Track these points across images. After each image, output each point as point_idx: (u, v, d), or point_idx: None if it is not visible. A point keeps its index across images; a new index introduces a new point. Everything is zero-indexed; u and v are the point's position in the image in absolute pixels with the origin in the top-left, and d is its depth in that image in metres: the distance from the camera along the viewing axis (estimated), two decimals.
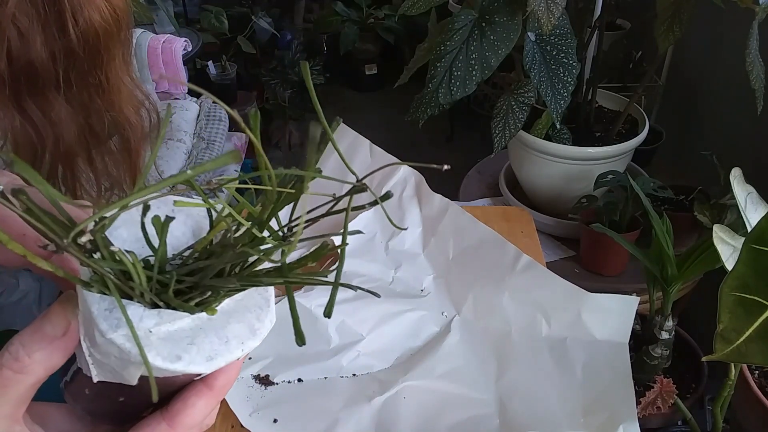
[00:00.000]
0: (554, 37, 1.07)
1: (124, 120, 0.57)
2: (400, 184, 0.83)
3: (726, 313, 0.46)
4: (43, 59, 0.48)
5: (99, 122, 0.55)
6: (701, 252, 0.74)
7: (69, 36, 0.47)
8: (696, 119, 1.59)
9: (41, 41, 0.47)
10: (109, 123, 0.56)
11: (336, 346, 0.67)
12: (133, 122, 0.58)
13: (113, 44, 0.51)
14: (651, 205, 0.81)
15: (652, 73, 1.41)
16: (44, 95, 0.51)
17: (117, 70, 0.54)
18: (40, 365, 0.28)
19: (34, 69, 0.48)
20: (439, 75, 1.04)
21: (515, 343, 0.66)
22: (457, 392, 0.63)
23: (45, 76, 0.49)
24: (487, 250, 0.74)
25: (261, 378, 0.64)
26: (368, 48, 3.09)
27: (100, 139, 0.57)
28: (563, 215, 1.32)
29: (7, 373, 0.27)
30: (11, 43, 0.46)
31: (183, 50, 1.68)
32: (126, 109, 0.57)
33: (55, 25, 0.47)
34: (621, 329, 0.64)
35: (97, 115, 0.55)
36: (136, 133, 0.59)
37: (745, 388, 0.70)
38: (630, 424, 0.55)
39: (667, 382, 0.78)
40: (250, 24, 2.69)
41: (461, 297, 0.72)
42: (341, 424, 0.59)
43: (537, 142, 1.22)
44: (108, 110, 0.55)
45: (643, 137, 1.23)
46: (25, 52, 0.47)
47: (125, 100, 0.57)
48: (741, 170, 0.64)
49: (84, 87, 0.52)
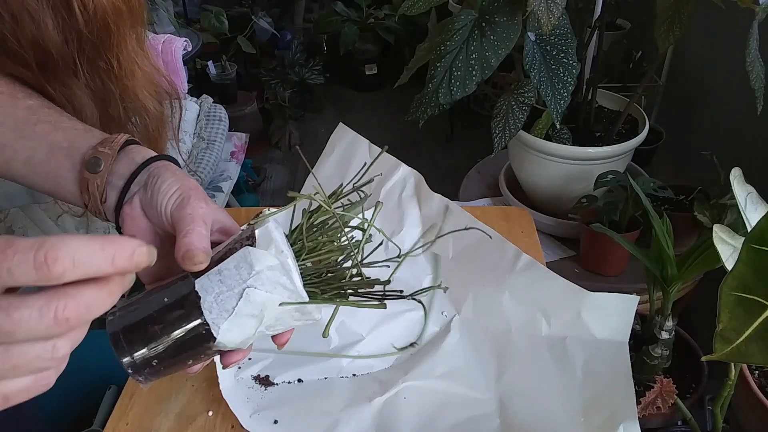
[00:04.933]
0: (554, 37, 1.07)
1: (140, 106, 0.56)
2: (400, 184, 0.83)
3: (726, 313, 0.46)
4: (57, 43, 0.48)
5: (114, 108, 0.55)
6: (701, 252, 0.74)
7: (76, 18, 0.47)
8: (696, 119, 1.59)
9: (53, 24, 0.47)
10: (123, 109, 0.55)
11: (336, 346, 0.67)
12: (150, 109, 0.57)
13: (123, 26, 0.51)
14: (651, 205, 0.81)
15: (652, 73, 1.41)
16: (64, 81, 0.51)
17: (130, 53, 0.53)
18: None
19: (51, 54, 0.48)
20: (439, 75, 1.04)
21: (515, 343, 0.66)
22: (457, 392, 0.63)
23: (62, 61, 0.49)
24: (486, 249, 0.74)
25: (261, 379, 0.64)
26: (368, 48, 3.09)
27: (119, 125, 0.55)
28: (563, 215, 1.32)
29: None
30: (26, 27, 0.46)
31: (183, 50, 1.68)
32: (141, 95, 0.56)
33: (63, 7, 0.47)
34: (621, 328, 0.64)
35: (112, 101, 0.54)
36: (153, 120, 0.58)
37: (745, 388, 0.70)
38: (630, 424, 0.55)
39: (667, 382, 0.78)
40: (250, 24, 2.69)
41: (461, 297, 0.72)
42: (341, 424, 0.59)
43: (537, 142, 1.22)
44: (122, 95, 0.54)
45: (643, 137, 1.23)
46: (40, 37, 0.47)
47: (140, 86, 0.55)
48: (741, 170, 0.64)
49: (95, 71, 0.52)
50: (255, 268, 0.39)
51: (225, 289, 0.39)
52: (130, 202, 0.46)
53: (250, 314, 0.39)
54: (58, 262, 0.27)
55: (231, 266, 0.39)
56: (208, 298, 0.39)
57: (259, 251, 0.39)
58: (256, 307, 0.39)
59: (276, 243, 0.39)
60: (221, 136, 1.78)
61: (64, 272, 0.28)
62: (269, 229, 0.40)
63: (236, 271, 0.39)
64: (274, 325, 0.42)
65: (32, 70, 0.49)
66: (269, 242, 0.39)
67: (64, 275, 0.28)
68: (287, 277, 0.39)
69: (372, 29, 3.02)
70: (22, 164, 0.48)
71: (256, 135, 2.46)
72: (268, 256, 0.39)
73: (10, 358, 0.29)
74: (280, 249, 0.39)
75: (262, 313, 0.40)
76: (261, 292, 0.39)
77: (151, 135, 0.59)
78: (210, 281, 0.39)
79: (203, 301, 0.38)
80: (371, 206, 0.84)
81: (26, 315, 0.28)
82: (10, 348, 0.29)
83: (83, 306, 0.29)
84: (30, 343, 0.29)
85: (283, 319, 0.42)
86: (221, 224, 0.46)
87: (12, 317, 0.28)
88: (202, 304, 0.38)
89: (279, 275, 0.39)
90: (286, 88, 2.71)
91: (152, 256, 0.31)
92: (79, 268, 0.28)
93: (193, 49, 1.95)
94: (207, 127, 1.78)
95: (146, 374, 0.39)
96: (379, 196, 0.83)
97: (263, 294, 0.39)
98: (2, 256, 0.27)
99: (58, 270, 0.27)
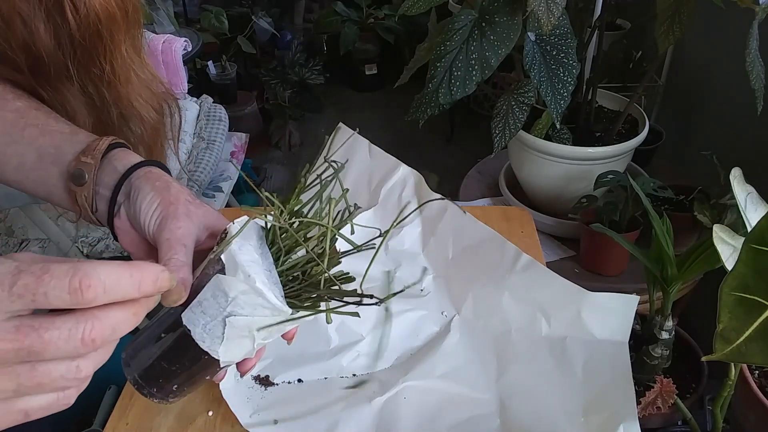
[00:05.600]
0: (554, 37, 1.07)
1: (134, 114, 0.55)
2: (399, 184, 0.83)
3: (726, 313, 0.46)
4: (49, 48, 0.47)
5: (108, 114, 0.54)
6: (701, 252, 0.74)
7: (68, 22, 0.46)
8: (696, 119, 1.59)
9: (45, 29, 0.46)
10: (117, 116, 0.54)
11: (336, 346, 0.67)
12: (144, 117, 0.56)
13: (117, 32, 0.50)
14: (651, 205, 0.81)
15: (652, 73, 1.41)
16: (57, 86, 0.50)
17: (125, 60, 0.52)
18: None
19: (42, 59, 0.47)
20: (439, 75, 1.04)
21: (515, 343, 0.66)
22: (457, 392, 0.63)
23: (54, 66, 0.48)
24: (486, 249, 0.74)
25: (261, 379, 0.64)
26: (368, 48, 3.09)
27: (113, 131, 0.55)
28: (563, 215, 1.31)
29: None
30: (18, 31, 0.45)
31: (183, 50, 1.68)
32: (137, 102, 0.55)
33: (55, 11, 0.46)
34: (621, 328, 0.64)
35: (105, 107, 0.53)
36: (147, 128, 0.57)
37: (745, 388, 0.70)
38: (630, 424, 0.55)
39: (667, 382, 0.78)
40: (250, 24, 2.69)
41: (461, 296, 0.72)
42: (341, 424, 0.59)
43: (537, 142, 1.22)
44: (116, 102, 0.53)
45: (643, 137, 1.23)
46: (32, 42, 0.46)
47: (136, 93, 0.55)
48: (741, 170, 0.64)
49: (89, 77, 0.51)
50: (229, 295, 0.39)
51: (209, 319, 0.40)
52: (119, 215, 0.46)
53: (240, 336, 0.40)
54: (91, 289, 0.29)
55: (209, 296, 0.40)
56: (197, 330, 0.40)
57: (228, 278, 0.39)
58: (243, 329, 0.40)
59: (242, 267, 0.39)
60: (221, 136, 1.78)
61: (95, 298, 0.29)
62: (233, 253, 0.40)
63: (214, 300, 0.40)
64: (269, 336, 0.42)
65: (24, 74, 0.49)
66: (235, 267, 0.39)
67: (95, 300, 0.30)
68: (262, 298, 0.39)
69: (372, 29, 3.02)
70: (14, 170, 0.48)
71: (256, 135, 2.46)
72: (236, 282, 0.39)
73: (36, 376, 0.30)
74: (247, 273, 0.39)
75: (251, 333, 0.41)
76: (242, 317, 0.40)
77: (146, 142, 0.58)
78: (194, 314, 0.40)
79: (194, 334, 0.40)
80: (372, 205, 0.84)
81: (56, 336, 0.29)
82: (36, 366, 0.30)
83: (109, 328, 0.31)
84: (56, 362, 0.30)
85: (277, 329, 0.42)
86: (212, 228, 0.46)
87: (42, 338, 0.29)
88: (194, 336, 0.40)
89: (254, 297, 0.39)
90: (286, 88, 2.71)
91: (173, 281, 0.35)
92: (109, 294, 0.30)
93: (193, 49, 1.95)
94: (207, 127, 1.78)
95: (172, 397, 0.43)
96: (379, 196, 0.83)
97: (245, 318, 0.40)
98: (39, 281, 0.29)
99: (90, 296, 0.29)
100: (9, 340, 0.29)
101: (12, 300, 0.28)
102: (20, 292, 0.28)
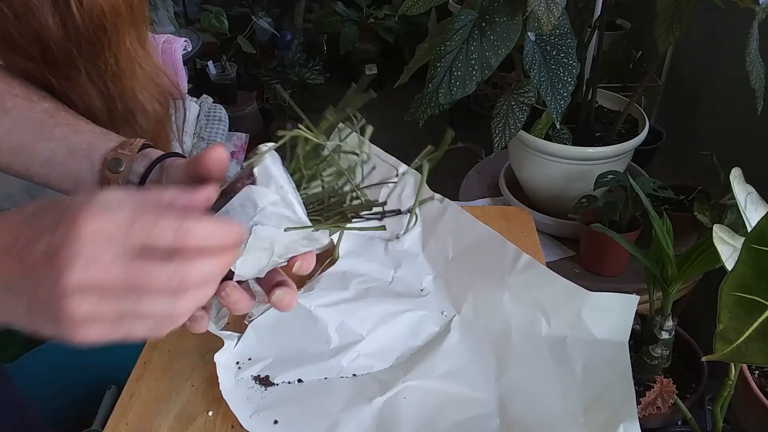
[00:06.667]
0: (554, 37, 1.07)
1: (138, 106, 0.57)
2: (399, 184, 0.83)
3: (726, 313, 0.46)
4: (58, 39, 0.49)
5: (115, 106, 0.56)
6: (701, 252, 0.74)
7: (73, 15, 0.48)
8: (696, 119, 1.59)
9: (52, 21, 0.47)
10: (123, 109, 0.56)
11: (336, 346, 0.67)
12: (148, 110, 0.58)
13: (122, 25, 0.51)
14: (651, 205, 0.81)
15: (652, 73, 1.41)
16: (69, 75, 0.52)
17: (129, 53, 0.53)
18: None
19: (52, 50, 0.49)
20: (439, 75, 1.04)
21: (515, 343, 0.66)
22: (458, 392, 0.63)
23: (64, 56, 0.50)
24: (486, 249, 0.74)
25: (261, 379, 0.64)
26: (368, 48, 3.09)
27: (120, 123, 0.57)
28: (563, 215, 1.32)
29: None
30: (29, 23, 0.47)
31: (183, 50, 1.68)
32: (141, 95, 0.56)
33: (61, 3, 0.47)
34: (621, 328, 0.64)
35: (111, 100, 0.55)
36: (151, 121, 0.58)
37: (745, 388, 0.70)
38: (630, 424, 0.55)
39: (667, 382, 0.78)
40: (250, 24, 2.69)
41: (461, 296, 0.72)
42: (342, 424, 0.59)
43: (537, 142, 1.22)
44: (121, 95, 0.55)
45: (643, 137, 1.23)
46: (42, 33, 0.48)
47: (140, 86, 0.56)
48: (741, 170, 0.64)
49: (95, 69, 0.52)
50: (259, 205, 0.41)
51: None
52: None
53: (261, 248, 0.42)
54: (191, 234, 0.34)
55: (236, 205, 0.41)
56: None
57: (260, 189, 0.41)
58: (265, 241, 0.42)
59: (275, 179, 0.41)
60: (221, 136, 1.78)
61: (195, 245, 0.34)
62: (267, 165, 0.41)
63: (242, 210, 0.41)
64: (285, 254, 0.45)
65: (37, 63, 0.50)
66: (269, 179, 0.41)
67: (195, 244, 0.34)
68: (290, 210, 0.41)
69: (372, 29, 3.02)
70: (41, 165, 0.50)
71: (256, 135, 2.46)
72: (269, 192, 0.41)
73: (138, 307, 0.34)
74: (279, 184, 0.41)
75: (272, 246, 0.43)
76: (268, 227, 0.41)
77: (151, 136, 0.59)
78: None
79: None
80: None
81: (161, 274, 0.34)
82: (141, 298, 0.34)
83: (204, 273, 0.35)
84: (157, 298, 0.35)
85: (293, 247, 0.44)
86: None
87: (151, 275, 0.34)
88: None
89: (282, 209, 0.41)
90: (286, 88, 2.71)
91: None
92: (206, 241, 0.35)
93: (193, 49, 1.95)
94: (207, 127, 1.78)
95: None
96: (379, 196, 0.82)
97: (270, 229, 0.41)
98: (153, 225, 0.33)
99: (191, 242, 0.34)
100: (122, 272, 0.33)
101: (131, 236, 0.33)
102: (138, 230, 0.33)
